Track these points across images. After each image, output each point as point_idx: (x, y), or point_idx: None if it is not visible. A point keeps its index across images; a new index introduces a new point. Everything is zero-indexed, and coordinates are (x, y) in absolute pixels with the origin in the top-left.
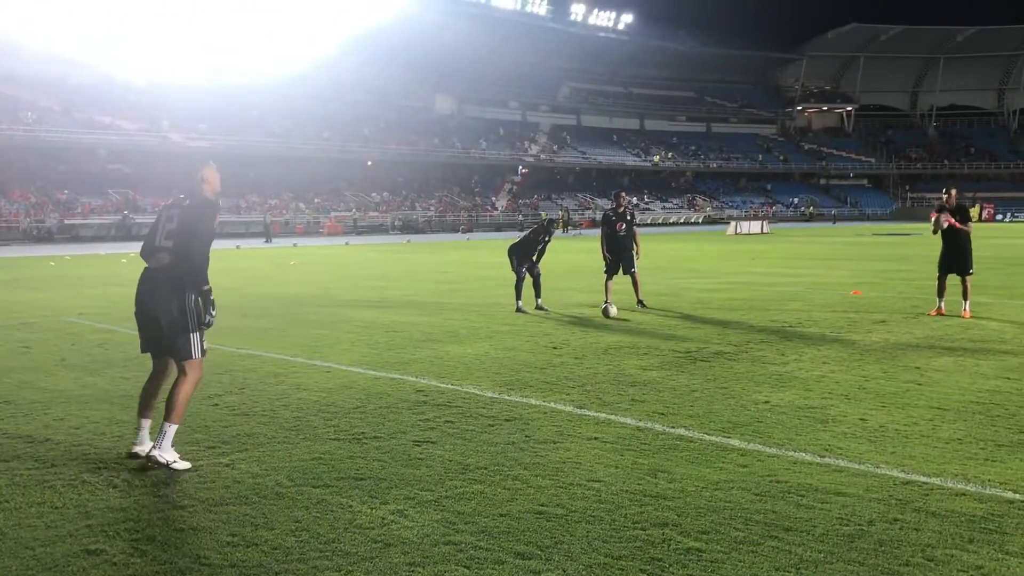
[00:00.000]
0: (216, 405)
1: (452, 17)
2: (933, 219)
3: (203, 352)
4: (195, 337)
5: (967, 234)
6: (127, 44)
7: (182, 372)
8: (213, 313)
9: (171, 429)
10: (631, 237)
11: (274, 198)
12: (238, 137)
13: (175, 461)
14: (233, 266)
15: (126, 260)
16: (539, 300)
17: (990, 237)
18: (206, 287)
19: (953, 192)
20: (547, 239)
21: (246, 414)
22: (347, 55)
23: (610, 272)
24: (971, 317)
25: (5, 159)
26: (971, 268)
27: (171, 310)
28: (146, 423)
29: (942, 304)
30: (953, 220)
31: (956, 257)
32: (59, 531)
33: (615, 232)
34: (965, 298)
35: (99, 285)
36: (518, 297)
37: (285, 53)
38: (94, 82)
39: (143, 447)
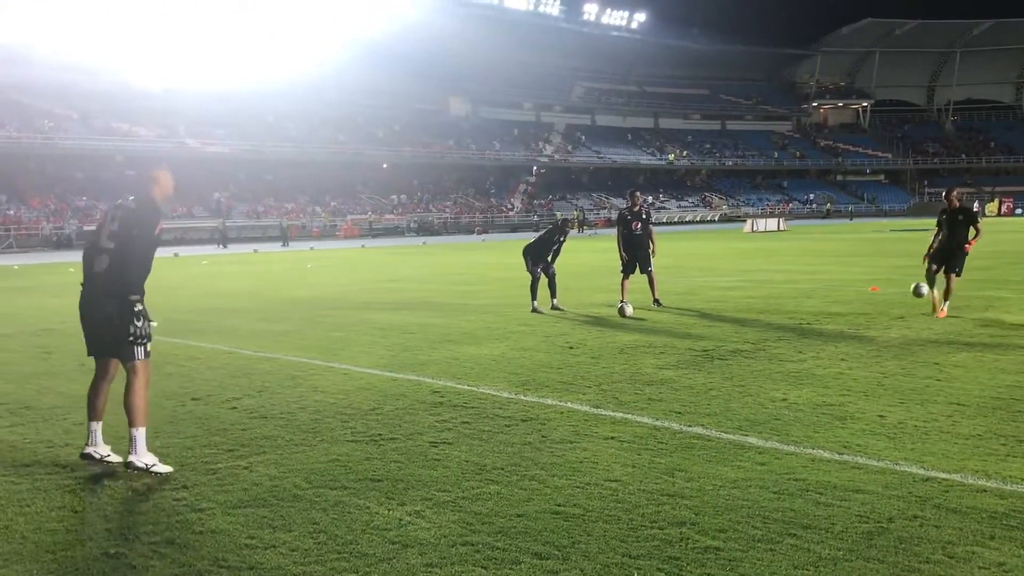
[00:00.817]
0: (234, 408)
1: (464, 19)
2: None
3: (147, 354)
4: (137, 337)
5: (964, 236)
6: (143, 51)
7: (132, 373)
8: (139, 324)
9: (139, 433)
10: (647, 236)
11: (290, 202)
12: (254, 142)
13: (154, 464)
14: (251, 270)
15: None
16: (555, 300)
17: (1010, 232)
18: (133, 297)
19: (954, 194)
20: (562, 239)
21: (264, 417)
22: (360, 59)
23: (626, 271)
24: (946, 317)
25: (23, 167)
26: (958, 270)
27: (111, 316)
28: (96, 425)
29: (945, 305)
30: (968, 246)
31: (951, 252)
32: (79, 535)
33: (631, 231)
34: (945, 298)
35: None
36: (533, 297)
37: (299, 58)
38: (110, 89)
39: (96, 448)
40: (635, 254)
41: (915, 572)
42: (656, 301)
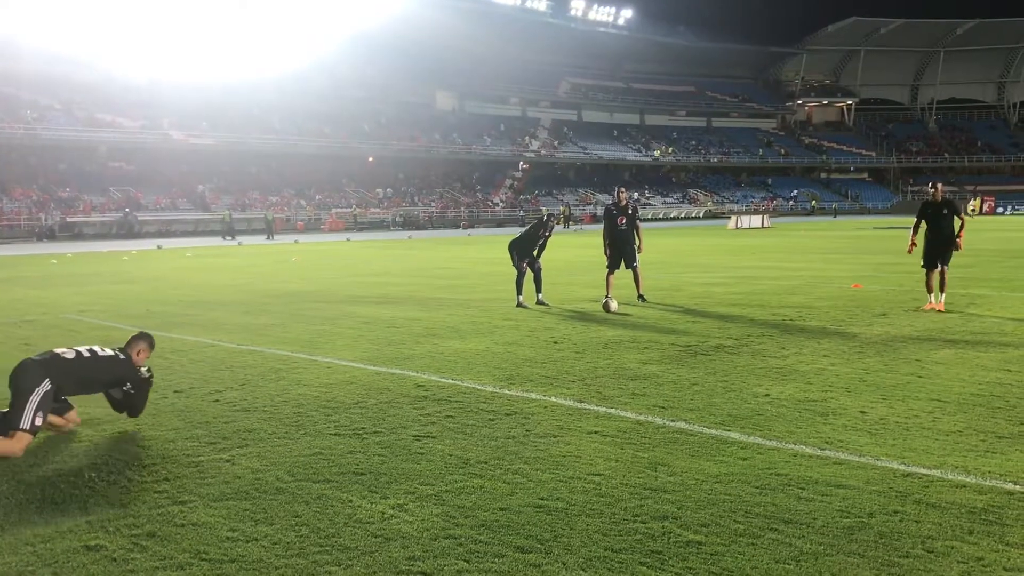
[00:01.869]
0: (217, 401)
1: (452, 14)
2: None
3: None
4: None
5: (952, 228)
6: (127, 42)
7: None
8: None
9: None
10: (632, 231)
11: (275, 195)
12: (239, 134)
13: None
14: (235, 263)
15: (127, 258)
16: (540, 295)
17: (991, 230)
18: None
19: (940, 186)
20: (547, 234)
21: (247, 410)
22: (347, 52)
23: (612, 266)
24: (944, 311)
25: (6, 158)
26: (949, 260)
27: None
28: None
29: (932, 298)
30: (960, 241)
31: (940, 250)
32: (59, 527)
33: (616, 226)
34: (941, 290)
35: (100, 283)
36: (519, 292)
37: (285, 51)
38: (95, 80)
39: None
40: (621, 249)
41: (895, 567)
42: (640, 297)
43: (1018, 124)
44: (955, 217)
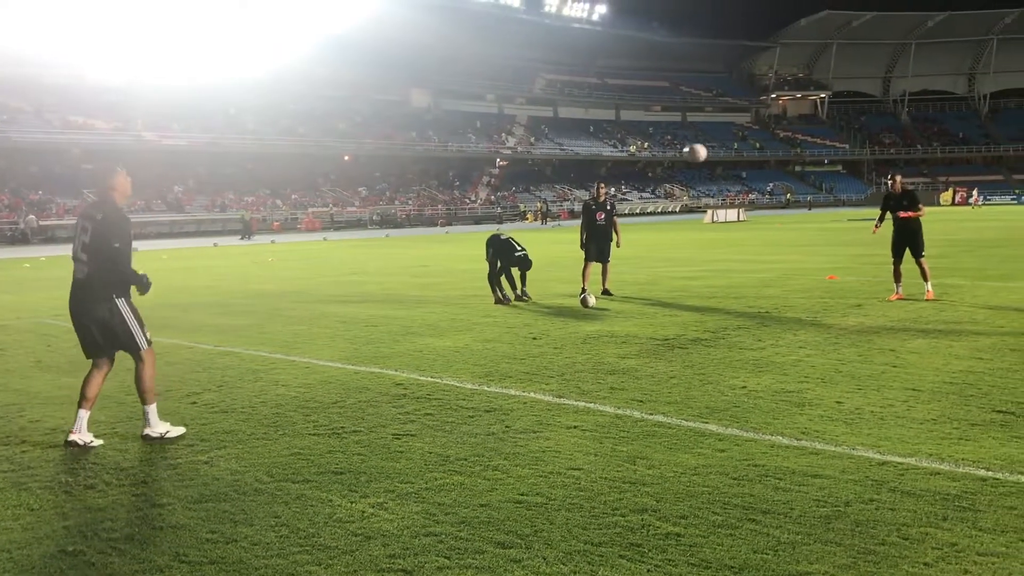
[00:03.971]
0: (194, 403)
1: (425, 10)
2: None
3: (148, 341)
4: (136, 329)
5: (918, 219)
6: (99, 44)
7: (139, 360)
8: (130, 320)
9: (151, 408)
10: (611, 226)
11: (250, 195)
12: (213, 135)
13: (168, 431)
14: (211, 264)
15: None
16: (524, 287)
17: (964, 220)
18: (140, 274)
19: (898, 178)
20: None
21: (225, 411)
22: (320, 51)
23: (588, 260)
24: (935, 299)
25: None
26: (923, 250)
27: (102, 317)
28: (84, 414)
29: (900, 288)
30: (907, 213)
31: (908, 240)
32: (36, 533)
33: (595, 221)
34: (925, 279)
35: None
36: (496, 288)
37: (259, 51)
38: (66, 82)
39: (81, 435)
40: (600, 244)
41: (871, 554)
42: (605, 291)
43: (988, 115)
44: (915, 208)
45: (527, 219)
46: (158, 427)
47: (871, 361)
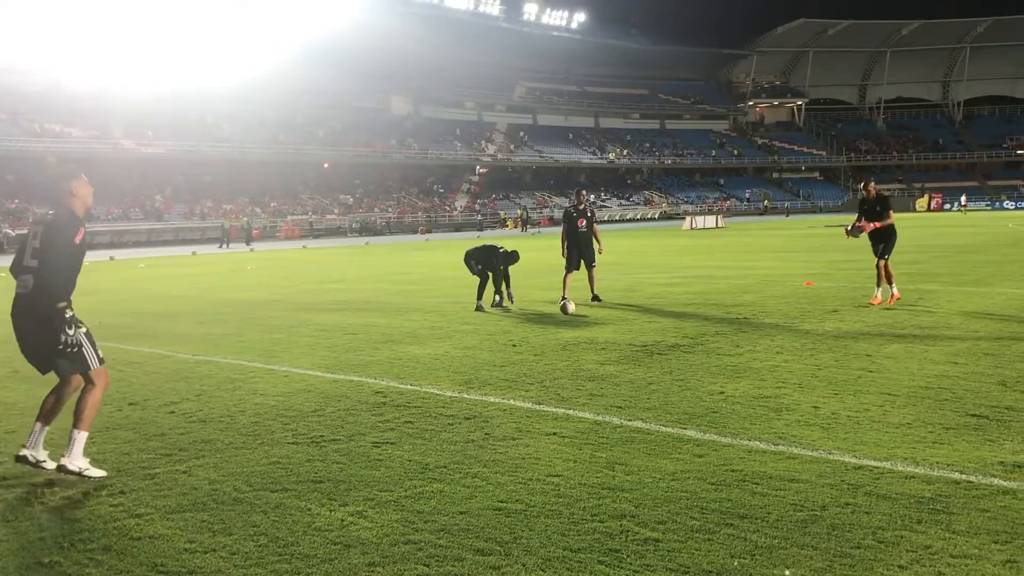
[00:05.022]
0: (172, 412)
1: (405, 19)
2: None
3: (100, 360)
4: (87, 349)
5: (891, 224)
6: (76, 51)
7: (89, 382)
8: (70, 333)
9: (80, 436)
10: (592, 233)
11: (229, 203)
12: (191, 142)
13: (87, 469)
14: (189, 272)
15: None
16: (508, 290)
17: (939, 227)
18: (61, 305)
19: (872, 184)
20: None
21: (203, 420)
22: (300, 58)
23: (570, 267)
24: (904, 302)
25: None
26: (888, 254)
27: (45, 337)
28: (40, 427)
29: (879, 293)
30: (870, 225)
31: (880, 241)
32: (11, 544)
33: (577, 228)
34: (889, 282)
35: None
36: (479, 296)
37: (237, 58)
38: (42, 90)
39: (34, 451)
40: (582, 251)
41: (847, 557)
42: (595, 297)
43: (963, 122)
44: (887, 213)
45: (507, 226)
46: (79, 460)
47: (847, 366)
